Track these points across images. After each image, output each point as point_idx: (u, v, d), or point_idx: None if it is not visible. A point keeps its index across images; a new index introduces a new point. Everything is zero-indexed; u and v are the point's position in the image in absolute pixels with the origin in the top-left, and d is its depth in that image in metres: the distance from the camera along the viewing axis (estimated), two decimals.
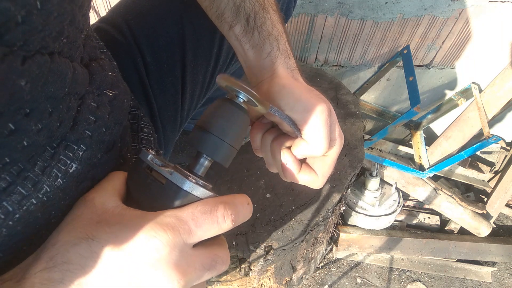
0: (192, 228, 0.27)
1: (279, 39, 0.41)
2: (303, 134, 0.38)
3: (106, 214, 0.27)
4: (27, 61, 0.20)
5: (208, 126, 0.32)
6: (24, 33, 0.20)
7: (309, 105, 0.37)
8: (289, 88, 0.38)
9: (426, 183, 1.53)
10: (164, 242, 0.25)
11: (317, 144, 0.38)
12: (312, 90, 0.39)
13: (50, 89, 0.23)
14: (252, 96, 0.32)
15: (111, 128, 0.31)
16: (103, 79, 0.31)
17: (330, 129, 0.38)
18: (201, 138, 0.32)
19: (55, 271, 0.24)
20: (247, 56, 0.42)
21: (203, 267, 0.28)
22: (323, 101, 0.38)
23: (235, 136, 0.33)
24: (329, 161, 0.41)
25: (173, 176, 0.29)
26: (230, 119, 0.33)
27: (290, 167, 0.40)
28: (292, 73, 0.41)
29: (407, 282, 1.53)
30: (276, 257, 0.81)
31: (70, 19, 0.23)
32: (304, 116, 0.37)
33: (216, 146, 0.32)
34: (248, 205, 0.31)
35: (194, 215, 0.27)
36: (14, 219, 0.25)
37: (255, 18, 0.40)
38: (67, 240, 0.25)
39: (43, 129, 0.24)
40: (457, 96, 1.46)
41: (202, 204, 0.28)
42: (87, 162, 0.29)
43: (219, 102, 0.33)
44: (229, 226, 0.29)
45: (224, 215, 0.28)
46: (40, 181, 0.25)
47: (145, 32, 0.50)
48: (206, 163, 0.33)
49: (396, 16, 1.22)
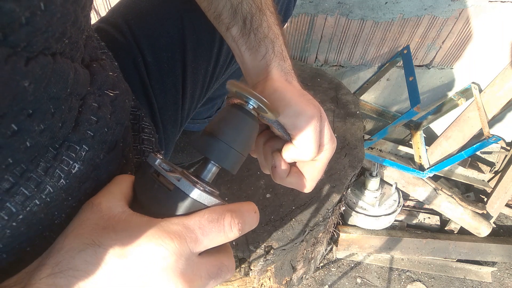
0: (198, 237, 0.27)
1: (275, 42, 0.41)
2: (292, 138, 0.38)
3: (112, 219, 0.27)
4: (31, 62, 0.20)
5: (217, 132, 0.32)
6: (28, 34, 0.20)
7: (298, 110, 0.37)
8: (281, 92, 0.38)
9: (426, 183, 1.53)
10: (171, 251, 0.25)
11: (306, 149, 0.38)
12: (304, 94, 0.39)
13: (52, 89, 0.23)
14: (262, 103, 0.32)
15: (113, 128, 0.31)
16: (104, 79, 0.31)
17: (319, 135, 0.38)
18: (209, 144, 0.32)
19: (60, 277, 0.24)
20: (243, 58, 0.42)
21: (208, 275, 0.28)
22: (313, 106, 0.38)
23: (244, 143, 0.33)
24: (318, 165, 0.41)
25: (181, 183, 0.28)
26: (239, 126, 0.32)
27: (279, 170, 0.40)
28: (286, 76, 0.40)
29: (407, 282, 1.53)
30: (276, 257, 0.81)
31: (73, 20, 0.23)
32: (293, 121, 0.37)
33: (224, 152, 0.32)
34: (255, 213, 0.30)
35: (201, 224, 0.27)
36: (17, 220, 0.25)
37: (252, 20, 0.40)
38: (73, 246, 0.25)
39: (45, 129, 0.24)
40: (457, 96, 1.46)
41: (209, 212, 0.28)
42: (90, 162, 0.29)
43: (229, 108, 0.33)
44: (236, 235, 0.29)
45: (231, 224, 0.28)
46: (43, 182, 0.26)
47: (145, 32, 0.50)
48: (214, 169, 0.33)
49: (396, 16, 1.22)
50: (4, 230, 0.24)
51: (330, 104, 1.15)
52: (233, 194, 0.90)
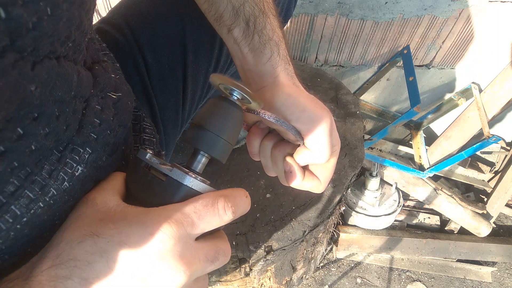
0: (195, 221, 0.28)
1: (279, 45, 0.41)
2: (306, 143, 0.39)
3: (109, 212, 0.28)
4: (37, 66, 0.20)
5: (204, 123, 0.33)
6: (34, 39, 0.20)
7: (314, 116, 0.38)
8: (295, 98, 0.38)
9: (426, 183, 1.54)
10: (169, 235, 0.26)
11: (321, 153, 0.39)
12: (315, 99, 0.40)
13: (58, 93, 0.23)
14: (245, 93, 0.33)
15: (116, 130, 0.31)
16: (107, 81, 0.31)
17: (331, 137, 0.39)
18: (197, 135, 0.33)
19: (62, 268, 0.24)
20: (245, 60, 0.41)
21: (207, 259, 0.29)
22: (326, 110, 0.39)
23: (231, 132, 0.34)
24: (330, 166, 0.42)
25: (173, 172, 0.29)
26: (225, 116, 0.33)
27: (295, 174, 0.40)
28: (293, 80, 0.41)
29: (407, 282, 1.53)
30: (276, 257, 0.81)
31: (77, 23, 0.23)
32: (309, 127, 0.38)
33: (213, 142, 0.33)
34: (246, 197, 0.32)
35: (196, 208, 0.28)
36: (21, 223, 0.25)
37: (255, 22, 0.40)
38: (71, 238, 0.26)
39: (50, 133, 0.24)
40: (457, 96, 1.46)
41: (203, 197, 0.29)
42: (93, 165, 0.29)
43: (214, 101, 0.34)
44: (230, 217, 0.29)
45: (225, 207, 0.29)
46: (48, 185, 0.26)
47: (146, 32, 0.50)
48: (204, 160, 0.34)
49: (396, 16, 1.22)
50: (8, 232, 0.24)
51: (330, 104, 1.15)
52: None
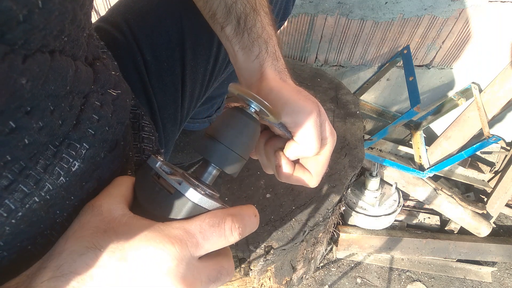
0: (199, 241, 0.27)
1: (268, 42, 0.41)
2: (294, 135, 0.38)
3: (113, 222, 0.27)
4: (28, 60, 0.20)
5: (218, 135, 0.32)
6: (25, 32, 0.20)
7: (297, 107, 0.37)
8: (277, 91, 0.38)
9: (426, 183, 1.53)
10: (172, 255, 0.25)
11: (309, 145, 0.38)
12: (301, 91, 0.39)
13: (50, 87, 0.23)
14: (264, 107, 0.32)
15: (114, 127, 0.31)
16: (107, 78, 0.31)
17: (320, 129, 0.38)
18: (210, 146, 0.32)
19: (62, 281, 0.24)
20: (236, 57, 0.42)
21: (208, 279, 0.28)
22: (311, 101, 0.38)
23: (245, 146, 0.33)
24: (322, 159, 0.41)
25: (182, 186, 0.28)
26: (241, 129, 0.32)
27: (284, 169, 0.40)
28: (280, 75, 0.40)
29: (407, 282, 1.53)
30: (276, 257, 0.81)
31: (71, 18, 0.23)
32: (293, 119, 0.37)
33: (225, 156, 0.32)
34: (255, 217, 0.31)
35: (202, 228, 0.27)
36: (17, 217, 0.25)
37: (246, 20, 0.40)
38: (73, 250, 0.25)
39: (44, 127, 0.24)
40: (457, 96, 1.46)
41: (210, 216, 0.28)
42: (90, 160, 0.29)
43: (230, 111, 0.33)
44: (236, 239, 0.29)
45: (232, 228, 0.28)
46: (42, 179, 0.25)
47: (145, 31, 0.50)
48: (214, 172, 0.33)
49: (396, 16, 1.22)
50: (3, 227, 0.24)
51: (330, 104, 1.15)
52: (233, 194, 0.90)
